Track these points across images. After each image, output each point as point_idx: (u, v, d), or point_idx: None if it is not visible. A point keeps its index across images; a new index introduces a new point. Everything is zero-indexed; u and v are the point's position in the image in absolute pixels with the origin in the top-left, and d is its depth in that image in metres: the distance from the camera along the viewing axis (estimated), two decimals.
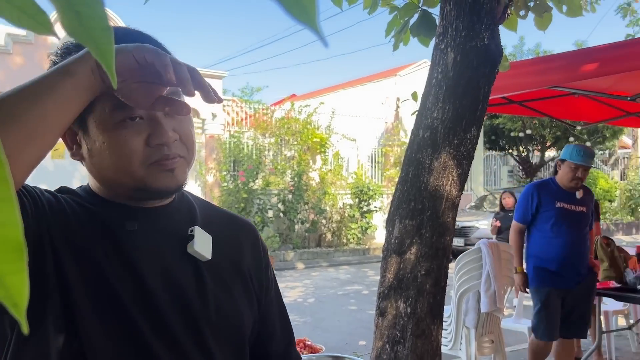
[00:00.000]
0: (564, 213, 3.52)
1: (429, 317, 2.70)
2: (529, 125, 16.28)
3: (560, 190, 3.57)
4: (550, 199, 3.54)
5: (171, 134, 0.81)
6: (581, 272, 3.56)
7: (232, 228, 0.96)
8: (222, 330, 0.85)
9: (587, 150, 3.52)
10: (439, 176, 2.78)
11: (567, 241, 3.51)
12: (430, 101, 2.88)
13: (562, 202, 3.52)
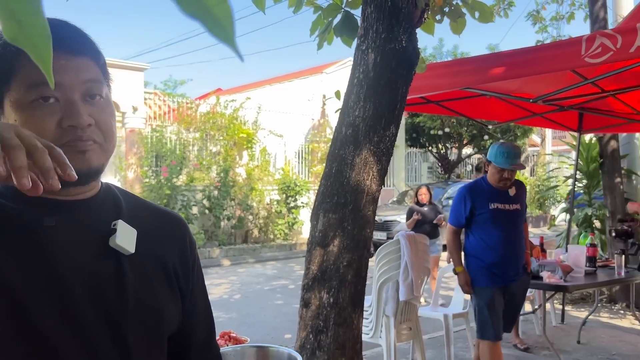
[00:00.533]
0: (499, 213, 3.48)
1: (350, 307, 2.82)
2: (448, 124, 17.04)
3: (492, 190, 3.52)
4: (484, 201, 3.50)
5: (86, 118, 0.80)
6: (520, 268, 3.57)
7: (160, 222, 0.96)
8: (141, 325, 0.85)
9: (510, 151, 3.46)
10: (360, 172, 2.91)
11: (505, 240, 3.47)
12: (352, 100, 3.00)
13: (496, 203, 3.49)
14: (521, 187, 3.67)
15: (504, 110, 4.83)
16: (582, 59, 2.58)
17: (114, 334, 0.82)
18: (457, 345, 4.86)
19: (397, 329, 3.56)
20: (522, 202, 3.63)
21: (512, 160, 3.43)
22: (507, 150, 3.45)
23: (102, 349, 0.81)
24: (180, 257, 0.95)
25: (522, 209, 3.62)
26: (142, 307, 0.85)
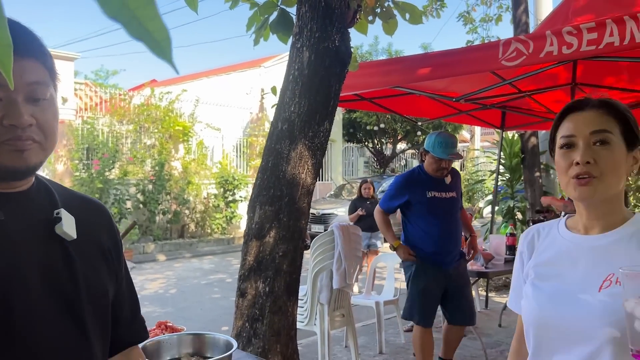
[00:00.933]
0: (436, 201, 3.52)
1: (285, 295, 2.93)
2: (383, 120, 17.49)
3: (429, 179, 3.57)
4: (421, 190, 3.54)
5: (27, 118, 0.83)
6: (457, 254, 3.62)
7: (88, 209, 1.01)
8: (92, 305, 0.91)
9: (448, 141, 3.49)
10: (296, 165, 3.02)
11: (442, 228, 3.51)
12: (288, 96, 3.10)
13: (433, 192, 3.53)
14: (456, 174, 3.73)
15: (433, 107, 5.08)
16: (499, 61, 2.81)
17: (73, 317, 0.88)
18: (388, 332, 5.09)
19: (331, 316, 3.70)
20: (458, 190, 3.70)
21: (449, 150, 3.48)
22: (445, 140, 3.49)
23: (64, 332, 0.86)
24: (110, 239, 1.01)
25: (458, 196, 3.69)
26: (91, 289, 0.91)
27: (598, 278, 1.07)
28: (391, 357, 4.43)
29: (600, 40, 2.44)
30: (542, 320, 1.13)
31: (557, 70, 4.11)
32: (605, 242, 1.11)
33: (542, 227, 1.26)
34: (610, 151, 1.09)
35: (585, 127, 1.10)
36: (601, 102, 1.13)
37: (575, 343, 1.07)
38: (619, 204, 1.13)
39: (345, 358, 4.36)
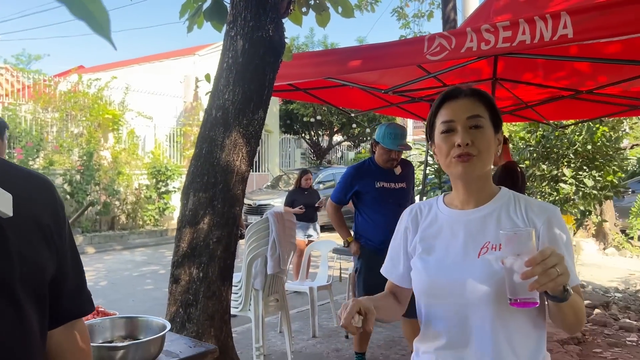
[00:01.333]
0: (385, 192, 3.54)
1: (219, 280, 2.98)
2: (319, 112, 17.67)
3: (379, 170, 3.60)
4: (370, 180, 3.57)
5: None
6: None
7: (30, 185, 1.01)
8: (28, 283, 0.92)
9: (397, 132, 3.52)
10: (230, 153, 3.05)
11: (391, 219, 3.63)
12: (222, 84, 3.12)
13: (382, 182, 3.56)
14: (407, 165, 3.76)
15: (365, 99, 5.23)
16: (424, 56, 2.96)
17: (7, 295, 0.89)
18: (322, 317, 5.23)
19: (265, 302, 3.78)
20: (409, 181, 3.70)
21: (399, 141, 3.52)
22: (394, 132, 3.53)
23: (3, 312, 0.89)
24: (52, 215, 1.02)
25: (409, 187, 3.68)
26: (27, 267, 0.93)
27: (476, 246, 1.24)
28: (324, 340, 4.57)
29: (514, 38, 2.64)
30: (432, 287, 1.27)
31: (480, 65, 4.35)
32: (480, 215, 1.27)
33: (422, 205, 1.41)
34: (483, 133, 1.25)
35: (462, 113, 1.26)
36: (472, 91, 1.29)
37: (461, 304, 1.22)
38: (489, 181, 1.31)
39: (279, 343, 4.45)
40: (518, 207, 1.27)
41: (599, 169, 6.01)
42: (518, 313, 1.20)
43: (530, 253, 1.03)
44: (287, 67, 3.62)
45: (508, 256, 1.07)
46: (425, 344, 1.33)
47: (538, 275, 1.01)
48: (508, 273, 1.08)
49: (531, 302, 1.07)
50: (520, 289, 1.06)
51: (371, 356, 4.17)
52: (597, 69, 4.22)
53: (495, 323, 1.20)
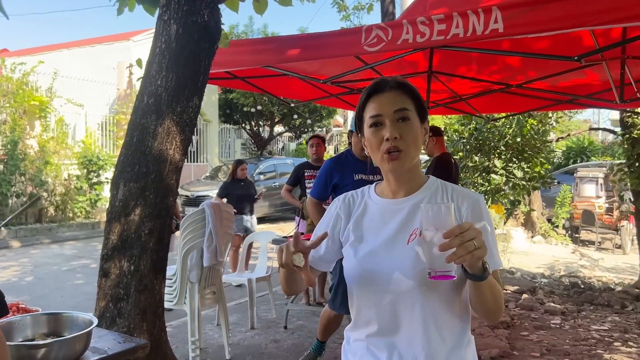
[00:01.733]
0: (362, 184, 3.59)
1: (152, 273, 2.88)
2: (260, 102, 17.47)
3: (357, 161, 3.47)
4: (348, 173, 3.45)
5: None
6: None
7: None
8: None
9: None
10: (163, 141, 2.94)
11: None
12: (154, 69, 3.00)
13: (360, 174, 3.44)
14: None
15: (305, 90, 5.21)
16: (362, 47, 2.97)
17: None
18: (261, 308, 5.20)
19: (201, 294, 3.70)
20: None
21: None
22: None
23: None
24: None
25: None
26: None
27: (406, 233, 1.26)
28: (262, 332, 4.54)
29: (448, 32, 2.69)
30: (363, 275, 1.28)
31: (417, 58, 4.43)
32: (410, 204, 1.30)
33: (354, 194, 1.42)
34: (410, 126, 1.27)
35: (389, 107, 1.27)
36: (397, 84, 1.30)
37: (391, 291, 1.24)
38: (418, 170, 1.34)
39: (216, 336, 4.38)
40: (445, 195, 1.31)
41: (527, 161, 6.30)
42: (445, 300, 1.23)
43: (449, 227, 1.05)
44: (224, 54, 3.53)
45: (428, 228, 1.09)
46: (357, 331, 1.34)
47: (456, 247, 1.02)
48: (427, 246, 1.10)
49: (448, 275, 1.09)
50: (438, 262, 1.07)
51: (309, 345, 4.19)
52: (527, 64, 4.39)
53: (424, 309, 1.22)
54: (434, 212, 1.08)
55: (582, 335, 4.47)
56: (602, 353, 4.03)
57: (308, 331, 4.56)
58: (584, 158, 16.28)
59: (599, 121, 27.68)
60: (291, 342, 4.30)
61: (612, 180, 9.95)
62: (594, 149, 17.36)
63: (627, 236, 9.33)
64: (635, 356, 3.99)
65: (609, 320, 4.95)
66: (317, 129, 20.27)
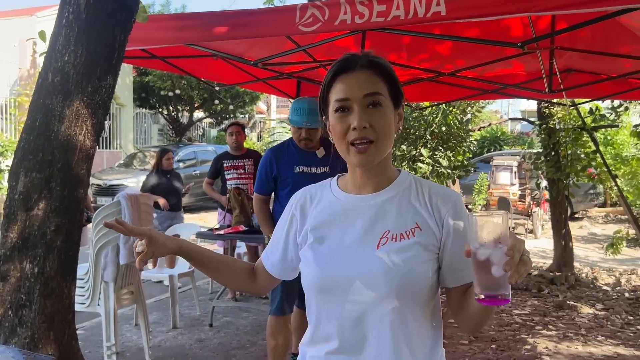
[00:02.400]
0: (304, 177, 3.08)
1: (59, 275, 2.53)
2: (179, 86, 16.74)
3: (299, 152, 3.18)
4: (289, 164, 3.15)
5: None
6: None
7: None
8: None
9: (304, 107, 3.11)
10: (72, 125, 2.59)
11: None
12: (60, 43, 2.63)
13: (302, 166, 3.16)
14: (328, 146, 3.21)
15: (230, 72, 4.92)
16: (297, 26, 2.77)
17: None
18: (184, 305, 4.90)
19: (118, 295, 3.37)
20: (334, 164, 3.10)
21: (306, 118, 3.08)
22: (300, 107, 3.13)
23: None
24: None
25: (333, 172, 3.20)
26: None
27: (375, 236, 1.10)
28: (186, 331, 4.27)
29: (388, 13, 2.56)
30: (324, 282, 1.11)
31: (347, 43, 4.28)
32: (379, 201, 1.14)
33: (313, 189, 1.25)
34: (382, 113, 1.10)
35: (358, 90, 1.10)
36: (370, 62, 1.12)
37: (357, 302, 1.08)
38: (388, 163, 1.17)
39: (135, 337, 4.06)
40: (420, 193, 1.15)
41: (451, 150, 6.41)
42: (418, 311, 1.09)
43: (508, 240, 0.91)
44: (142, 29, 3.19)
45: (482, 245, 0.92)
46: (314, 347, 1.16)
47: (517, 264, 0.89)
48: (483, 265, 0.92)
49: (508, 297, 0.94)
50: (497, 283, 0.92)
51: (237, 344, 3.98)
52: (456, 53, 4.38)
53: (395, 323, 1.07)
54: (491, 225, 0.92)
55: (505, 320, 4.59)
56: (526, 337, 4.14)
57: (235, 328, 4.34)
58: (497, 147, 17.09)
59: (508, 112, 29.29)
60: (217, 341, 4.06)
61: (525, 169, 10.48)
62: (506, 139, 18.29)
63: (538, 221, 9.85)
64: (556, 339, 4.14)
65: (529, 304, 5.13)
66: (240, 115, 19.80)
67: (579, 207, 11.54)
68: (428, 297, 1.10)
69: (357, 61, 1.12)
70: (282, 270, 1.26)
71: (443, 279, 1.12)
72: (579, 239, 8.94)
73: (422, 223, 1.10)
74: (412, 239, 1.09)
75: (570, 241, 6.39)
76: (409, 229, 1.10)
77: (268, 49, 3.97)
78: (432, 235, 1.10)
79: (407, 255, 1.07)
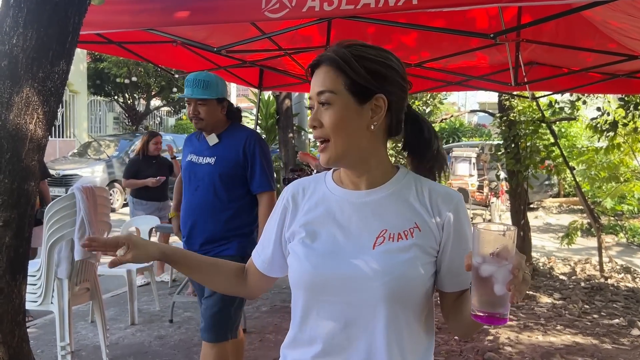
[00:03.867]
0: (190, 167, 2.73)
1: (9, 274, 2.37)
2: (135, 73, 16.24)
3: (200, 139, 2.77)
4: (187, 150, 2.81)
5: None
6: (210, 247, 2.65)
7: None
8: None
9: (191, 76, 2.73)
10: (21, 113, 2.42)
11: (189, 204, 2.72)
12: (8, 25, 2.44)
13: (193, 154, 2.75)
14: (237, 135, 2.72)
15: (191, 60, 4.75)
16: (263, 12, 2.66)
17: None
18: (142, 300, 4.75)
19: (73, 292, 3.21)
20: (230, 155, 2.67)
21: (190, 89, 2.67)
22: (188, 78, 2.72)
23: None
24: None
25: (226, 165, 2.65)
26: None
27: (371, 235, 1.05)
28: (145, 327, 4.12)
29: (358, 1, 2.48)
30: (314, 281, 1.05)
31: (312, 32, 4.20)
32: (376, 198, 1.09)
33: (307, 183, 1.19)
34: (332, 111, 1.05)
35: (315, 88, 1.07)
36: (329, 58, 1.07)
37: (348, 303, 1.02)
38: (377, 159, 1.10)
39: (91, 335, 3.89)
40: (420, 192, 1.10)
41: None
42: (412, 317, 1.04)
43: (513, 258, 0.86)
44: (97, 13, 3.01)
45: (486, 261, 0.87)
46: (298, 349, 1.09)
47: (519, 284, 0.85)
48: (484, 282, 0.87)
49: (506, 317, 0.90)
50: (497, 301, 0.87)
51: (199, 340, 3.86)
52: (422, 44, 4.37)
53: (388, 327, 1.01)
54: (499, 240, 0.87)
55: None
56: (488, 328, 4.20)
57: (196, 324, 4.22)
58: (455, 138, 17.39)
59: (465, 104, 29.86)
60: (178, 337, 3.94)
61: (484, 160, 10.67)
62: (465, 130, 18.63)
63: (496, 212, 10.06)
64: (517, 329, 4.22)
65: None
66: None
67: (534, 197, 11.87)
68: (423, 301, 1.05)
69: (320, 59, 1.08)
70: (274, 267, 1.20)
71: (441, 283, 1.08)
72: (534, 229, 9.18)
73: (422, 224, 1.06)
74: (411, 239, 1.04)
75: (529, 232, 6.53)
76: (408, 229, 1.05)
77: (230, 36, 3.84)
78: (431, 237, 1.06)
79: (405, 258, 1.02)
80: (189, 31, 3.80)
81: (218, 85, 2.78)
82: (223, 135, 2.75)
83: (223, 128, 2.77)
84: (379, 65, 1.07)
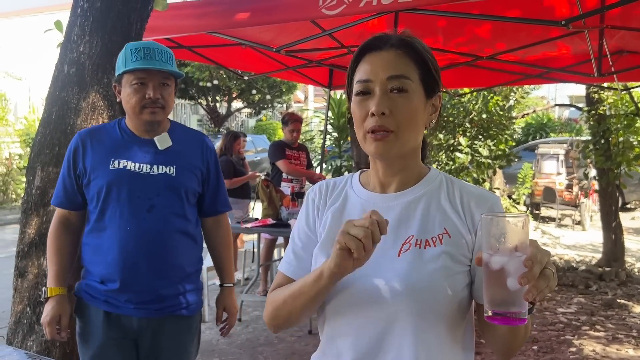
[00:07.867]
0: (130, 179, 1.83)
1: None
2: (217, 76, 16.81)
3: (124, 133, 1.94)
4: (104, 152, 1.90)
5: None
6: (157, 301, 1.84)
7: None
8: None
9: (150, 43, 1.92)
10: (87, 118, 2.52)
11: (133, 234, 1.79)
12: (76, 33, 2.56)
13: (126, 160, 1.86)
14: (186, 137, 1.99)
15: (259, 61, 4.80)
16: (320, 10, 2.61)
17: None
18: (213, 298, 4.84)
19: None
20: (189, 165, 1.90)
21: (155, 60, 1.85)
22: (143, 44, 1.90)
23: None
24: None
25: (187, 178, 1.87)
26: None
27: (397, 241, 0.97)
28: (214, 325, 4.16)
29: None
30: (338, 292, 0.97)
31: (380, 26, 4.08)
32: (403, 201, 1.00)
33: (334, 182, 1.11)
34: (407, 100, 0.95)
35: (382, 71, 0.96)
36: (401, 41, 0.98)
37: (373, 317, 0.95)
38: (415, 159, 1.03)
39: None
40: (451, 194, 1.00)
41: (493, 138, 6.11)
42: (444, 333, 0.94)
43: (527, 248, 0.77)
44: (163, 18, 3.10)
45: (496, 252, 0.78)
46: None
47: (536, 278, 0.75)
48: (495, 276, 0.78)
49: (522, 317, 0.79)
50: (510, 298, 0.78)
51: (265, 340, 3.89)
52: (496, 36, 4.12)
53: (417, 342, 0.93)
54: (509, 229, 0.78)
55: (549, 319, 4.33)
56: (571, 339, 3.89)
57: (264, 323, 4.24)
58: (542, 134, 16.43)
59: (555, 98, 28.15)
60: (245, 336, 3.98)
61: (573, 157, 9.98)
62: (553, 126, 17.56)
63: (586, 212, 9.38)
64: (604, 341, 3.86)
65: (575, 302, 4.84)
66: (277, 104, 19.79)
67: (631, 197, 10.94)
68: (457, 315, 0.95)
69: (386, 40, 0.98)
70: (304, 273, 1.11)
71: (476, 294, 0.97)
72: (631, 231, 8.45)
73: (452, 229, 0.96)
74: (440, 247, 0.95)
75: (621, 234, 6.00)
76: (436, 235, 0.96)
77: (296, 37, 3.82)
78: (462, 243, 0.96)
79: (432, 267, 0.93)
80: (255, 32, 3.82)
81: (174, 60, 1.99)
82: (170, 135, 1.92)
83: (168, 125, 1.96)
84: (436, 62, 1.01)
